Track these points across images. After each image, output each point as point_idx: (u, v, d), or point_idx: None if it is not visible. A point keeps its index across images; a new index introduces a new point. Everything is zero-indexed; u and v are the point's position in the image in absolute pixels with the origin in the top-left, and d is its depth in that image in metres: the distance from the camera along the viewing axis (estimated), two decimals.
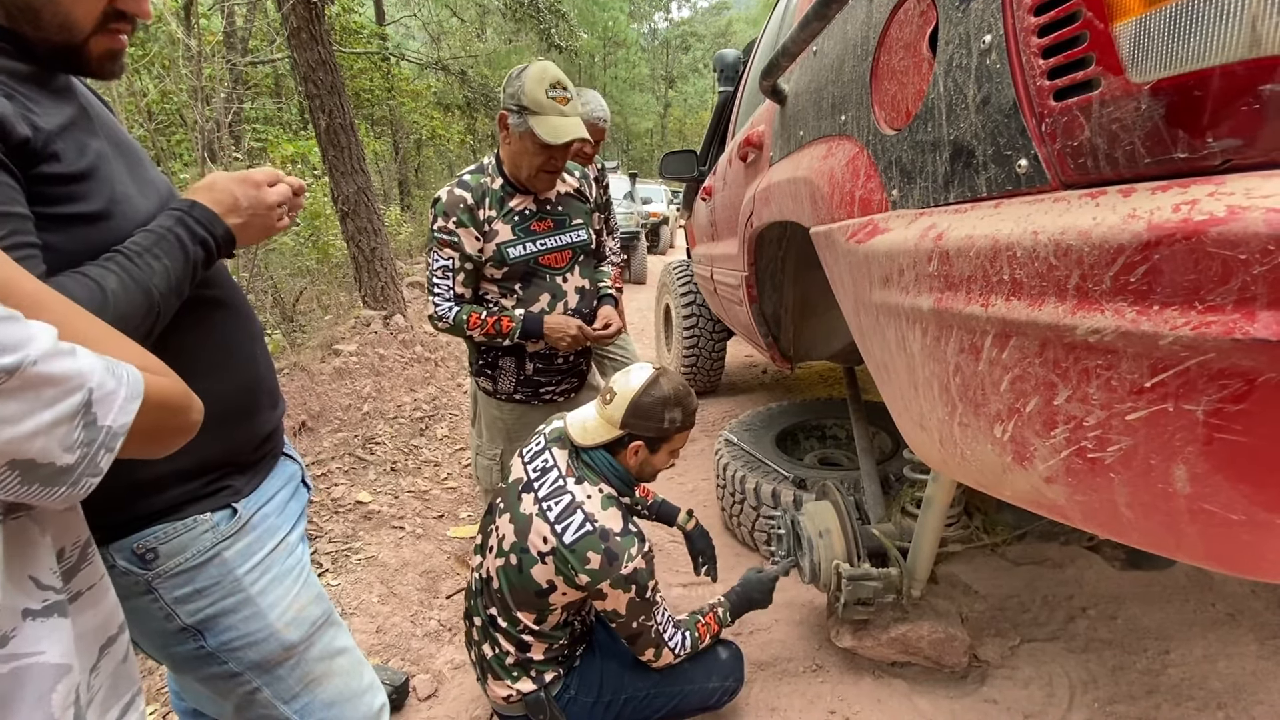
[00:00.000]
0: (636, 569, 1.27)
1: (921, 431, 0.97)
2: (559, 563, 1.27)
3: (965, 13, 0.77)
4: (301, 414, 3.36)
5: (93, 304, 0.63)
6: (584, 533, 1.27)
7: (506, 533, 1.36)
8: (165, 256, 0.73)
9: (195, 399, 0.65)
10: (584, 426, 1.40)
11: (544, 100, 1.53)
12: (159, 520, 0.81)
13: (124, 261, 0.69)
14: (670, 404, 1.35)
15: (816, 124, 1.32)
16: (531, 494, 1.36)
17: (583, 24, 24.55)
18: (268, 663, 0.89)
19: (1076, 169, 0.64)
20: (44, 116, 0.66)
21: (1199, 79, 0.52)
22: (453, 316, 1.69)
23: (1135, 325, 0.54)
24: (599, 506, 1.31)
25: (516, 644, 1.37)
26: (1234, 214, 0.48)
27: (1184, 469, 0.56)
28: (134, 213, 0.75)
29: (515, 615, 1.34)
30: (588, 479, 1.35)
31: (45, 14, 0.68)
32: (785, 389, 4.35)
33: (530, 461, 1.43)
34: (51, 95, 0.71)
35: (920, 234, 0.83)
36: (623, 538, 1.28)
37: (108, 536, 0.79)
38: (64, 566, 0.57)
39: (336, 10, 8.72)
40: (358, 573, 2.29)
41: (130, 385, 0.53)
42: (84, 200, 0.69)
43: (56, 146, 0.66)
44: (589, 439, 1.38)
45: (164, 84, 5.32)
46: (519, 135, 1.59)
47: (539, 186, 1.68)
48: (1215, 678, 1.64)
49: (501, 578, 1.35)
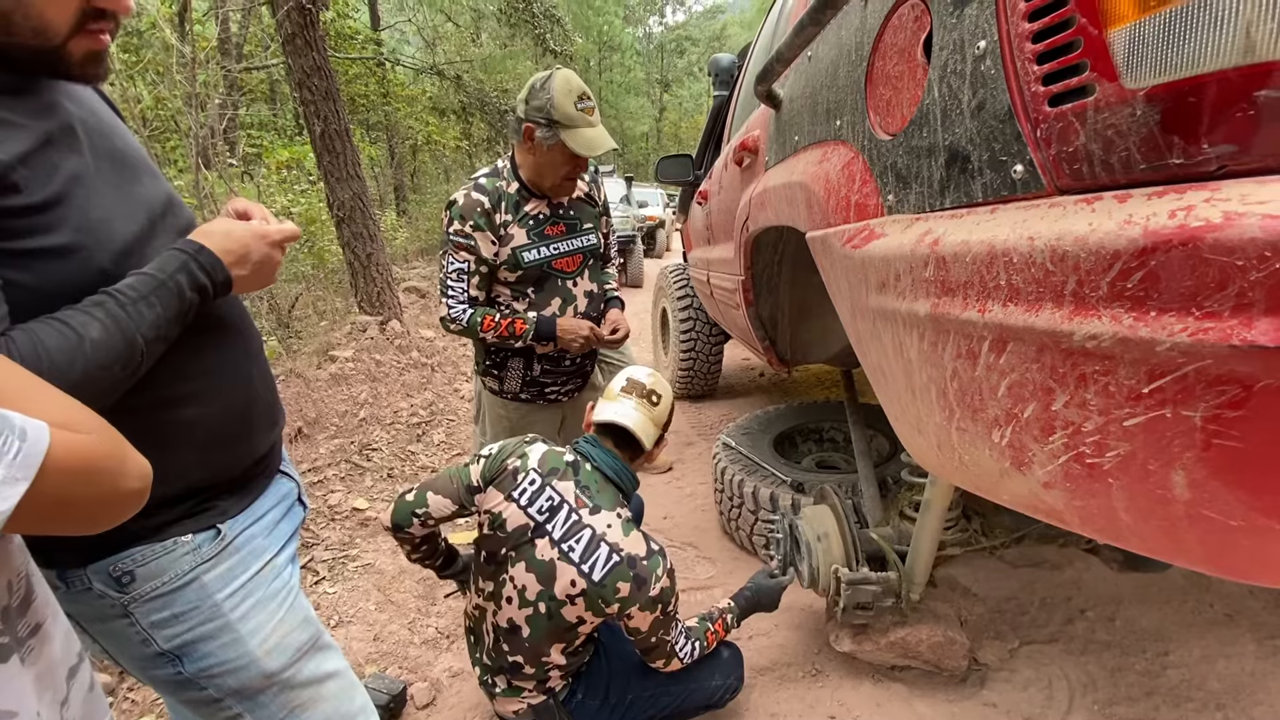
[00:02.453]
0: (664, 589, 1.27)
1: (919, 436, 0.97)
2: (589, 601, 1.26)
3: (959, 19, 0.77)
4: (298, 420, 3.35)
5: (65, 354, 0.60)
6: (612, 565, 1.25)
7: (526, 583, 1.29)
8: (160, 304, 0.70)
9: (134, 463, 0.57)
10: (644, 428, 1.36)
11: (574, 114, 1.55)
12: (138, 542, 0.78)
13: (114, 308, 0.66)
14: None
15: (811, 129, 1.32)
16: (545, 538, 1.29)
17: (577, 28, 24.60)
18: (248, 690, 0.86)
19: (1072, 174, 0.64)
20: (4, 144, 0.62)
21: (1194, 85, 0.52)
22: (467, 319, 1.69)
23: (1132, 331, 0.54)
24: (621, 534, 1.28)
25: (538, 682, 1.36)
26: (1230, 220, 0.48)
27: (1182, 475, 0.56)
28: (110, 240, 0.70)
29: (545, 660, 1.32)
30: (603, 506, 1.32)
31: (16, 17, 0.63)
32: (782, 392, 4.35)
33: (530, 504, 1.32)
34: (30, 109, 0.67)
35: (916, 239, 0.83)
36: (649, 560, 1.27)
37: (84, 558, 0.76)
38: (14, 601, 0.53)
39: (331, 16, 8.71)
40: (355, 580, 2.28)
41: (19, 461, 0.44)
42: (49, 232, 0.64)
43: (15, 176, 0.62)
44: (649, 440, 1.38)
45: (158, 90, 5.30)
46: (548, 148, 1.59)
47: (561, 194, 1.70)
48: (1214, 678, 1.64)
49: (532, 625, 1.30)
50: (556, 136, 1.56)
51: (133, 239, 0.73)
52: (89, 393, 0.61)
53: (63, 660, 0.59)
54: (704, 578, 2.28)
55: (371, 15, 12.35)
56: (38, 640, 0.55)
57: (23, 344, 0.59)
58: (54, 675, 0.56)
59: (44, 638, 0.56)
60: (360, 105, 10.29)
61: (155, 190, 0.81)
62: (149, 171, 0.82)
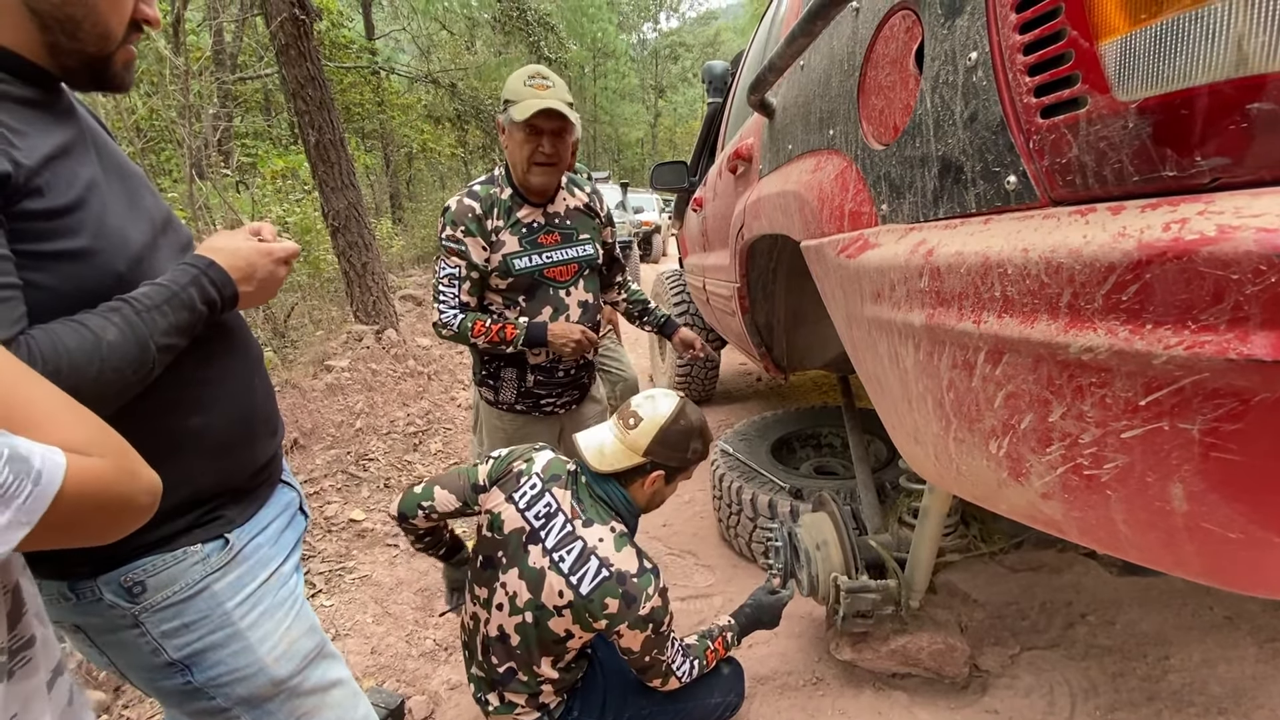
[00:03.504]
0: (654, 608, 1.24)
1: (916, 445, 0.96)
2: (576, 614, 1.24)
3: (950, 29, 0.77)
4: (294, 431, 3.33)
5: (84, 354, 0.63)
6: (600, 580, 1.23)
7: (518, 589, 1.29)
8: (172, 314, 0.72)
9: (145, 479, 0.59)
10: (601, 451, 1.33)
11: (522, 89, 1.57)
12: (149, 552, 0.79)
13: (129, 314, 0.68)
14: (695, 434, 1.33)
15: (805, 138, 1.33)
16: (539, 545, 1.29)
17: (571, 35, 24.68)
18: (256, 698, 0.87)
19: (1065, 186, 0.64)
20: (27, 149, 0.64)
21: (1186, 98, 0.52)
22: (457, 324, 1.69)
23: (1128, 344, 0.54)
24: (613, 549, 1.27)
25: (530, 696, 1.34)
26: (1224, 233, 0.48)
27: (1181, 487, 0.55)
28: (125, 245, 0.73)
29: (535, 670, 1.31)
30: (596, 519, 1.30)
31: (85, 25, 0.70)
32: (780, 397, 4.35)
33: (528, 508, 1.32)
34: (51, 119, 0.70)
35: (910, 249, 0.83)
36: (640, 578, 1.24)
37: (94, 570, 0.77)
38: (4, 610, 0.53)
39: (325, 25, 8.73)
40: (351, 592, 2.26)
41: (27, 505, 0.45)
42: (70, 236, 0.67)
43: (40, 180, 0.64)
44: (606, 464, 1.32)
45: (151, 101, 5.30)
46: (507, 130, 1.62)
47: (535, 182, 1.67)
48: (1215, 682, 1.63)
49: (521, 634, 1.30)
50: (509, 114, 1.59)
51: (142, 247, 0.76)
52: (101, 394, 0.64)
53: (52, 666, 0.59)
54: (703, 585, 2.27)
55: (366, 24, 12.39)
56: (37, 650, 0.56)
57: (43, 342, 0.61)
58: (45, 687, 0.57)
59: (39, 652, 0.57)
60: (355, 114, 10.31)
61: (156, 206, 0.85)
62: (149, 189, 0.86)
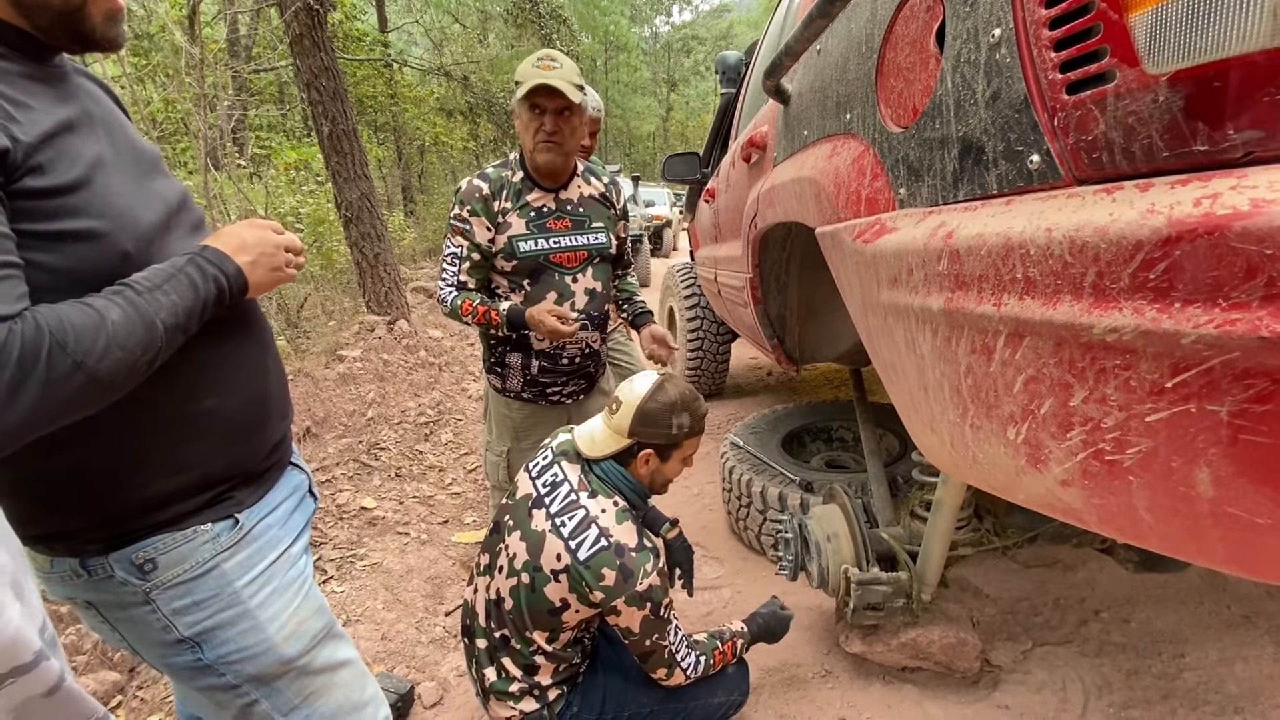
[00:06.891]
0: (651, 586, 1.24)
1: (931, 434, 0.95)
2: (573, 581, 1.24)
3: (973, 7, 0.75)
4: (306, 420, 3.36)
5: (89, 329, 0.63)
6: (598, 549, 1.24)
7: (518, 551, 1.32)
8: (174, 293, 0.73)
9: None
10: (592, 438, 1.37)
11: (530, 70, 1.59)
12: (160, 531, 0.80)
13: (131, 295, 0.69)
14: (677, 409, 1.33)
15: (821, 123, 1.31)
16: (543, 510, 1.32)
17: (584, 28, 24.63)
18: (266, 676, 0.88)
19: (1091, 164, 0.62)
20: (27, 124, 0.64)
21: (1219, 70, 0.50)
22: (450, 301, 1.73)
23: (1156, 324, 0.53)
24: (613, 521, 1.28)
25: (525, 668, 1.34)
26: (1258, 208, 0.46)
27: (1207, 472, 0.54)
28: (134, 225, 0.73)
29: (529, 636, 1.31)
30: (601, 492, 1.32)
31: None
32: (791, 391, 4.33)
33: (539, 476, 1.39)
34: (51, 96, 0.70)
35: (929, 233, 0.81)
36: (638, 553, 1.25)
37: (107, 547, 0.78)
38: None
39: (339, 17, 8.76)
40: (362, 579, 2.28)
41: None
42: (75, 215, 0.67)
43: (41, 158, 0.64)
44: (597, 450, 1.35)
45: (167, 92, 5.35)
46: (517, 111, 1.65)
47: (541, 160, 1.67)
48: (1232, 681, 1.61)
49: (514, 597, 1.31)
50: (517, 96, 1.62)
51: (152, 228, 0.76)
52: (111, 374, 0.64)
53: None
54: (712, 577, 2.26)
55: (379, 17, 12.42)
56: None
57: (49, 316, 0.61)
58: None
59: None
60: (368, 106, 10.35)
61: (170, 187, 0.85)
62: (163, 171, 0.86)
